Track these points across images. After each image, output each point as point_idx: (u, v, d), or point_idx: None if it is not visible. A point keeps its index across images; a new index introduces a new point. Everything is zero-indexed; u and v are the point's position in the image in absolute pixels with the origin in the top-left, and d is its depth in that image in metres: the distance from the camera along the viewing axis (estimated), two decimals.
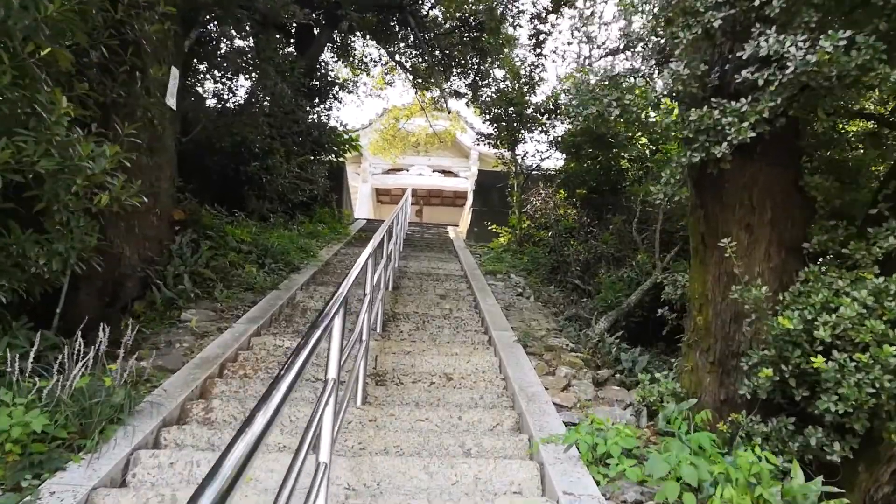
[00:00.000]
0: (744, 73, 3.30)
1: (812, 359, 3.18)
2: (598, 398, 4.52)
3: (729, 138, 3.36)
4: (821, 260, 3.62)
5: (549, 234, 10.92)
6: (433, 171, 24.53)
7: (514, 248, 11.92)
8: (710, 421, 3.48)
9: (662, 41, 3.86)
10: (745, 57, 3.29)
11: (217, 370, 4.47)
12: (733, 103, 3.38)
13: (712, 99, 3.46)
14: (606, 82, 4.72)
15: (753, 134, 3.32)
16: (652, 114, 4.99)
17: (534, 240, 12.35)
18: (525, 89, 11.71)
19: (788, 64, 3.07)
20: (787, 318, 3.35)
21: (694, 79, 3.48)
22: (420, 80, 16.53)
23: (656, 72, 3.87)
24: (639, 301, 8.03)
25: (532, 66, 11.90)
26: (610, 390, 4.70)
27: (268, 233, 8.69)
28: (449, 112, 14.29)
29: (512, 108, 11.80)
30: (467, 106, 14.50)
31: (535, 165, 12.60)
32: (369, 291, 4.46)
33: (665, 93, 3.69)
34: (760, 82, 3.23)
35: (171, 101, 7.06)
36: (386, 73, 17.32)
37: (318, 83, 12.71)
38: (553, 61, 13.51)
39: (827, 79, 3.08)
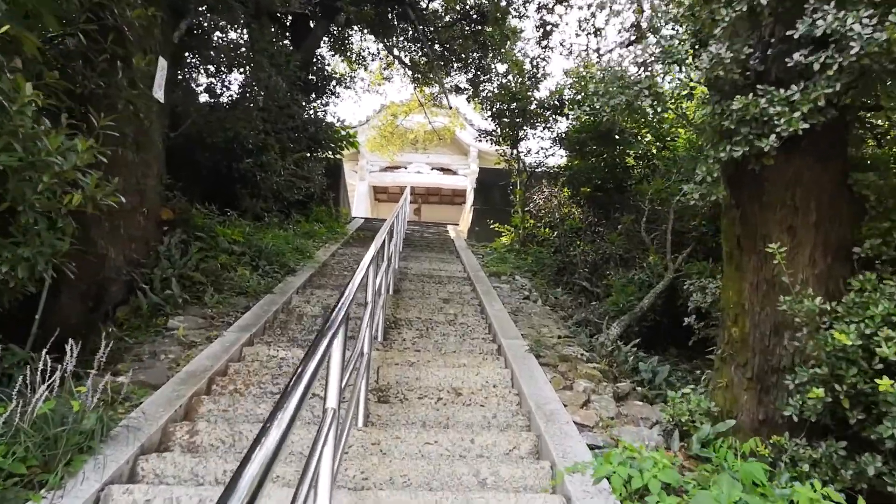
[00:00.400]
0: (795, 56, 2.92)
1: (877, 381, 2.81)
2: (621, 415, 4.14)
3: (778, 130, 2.98)
4: (877, 266, 3.25)
5: (555, 233, 10.53)
6: (432, 169, 24.13)
7: (517, 247, 11.55)
8: (756, 448, 3.10)
9: (697, 26, 3.48)
10: (796, 37, 2.91)
11: (205, 386, 4.08)
12: (782, 91, 3.00)
13: (757, 86, 3.08)
14: (628, 74, 4.32)
15: (806, 125, 2.94)
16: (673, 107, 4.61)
17: (537, 239, 11.97)
18: (529, 84, 11.31)
19: (852, 44, 2.69)
20: (842, 333, 2.98)
21: (736, 63, 3.09)
22: (419, 76, 16.13)
23: (688, 59, 3.49)
24: (651, 305, 7.68)
25: (537, 59, 11.50)
26: (633, 406, 4.32)
27: (262, 233, 8.30)
28: (450, 107, 13.90)
29: (515, 104, 11.41)
30: (468, 102, 14.12)
31: (538, 163, 12.22)
32: (371, 300, 4.07)
33: (701, 80, 3.30)
34: (816, 66, 2.85)
35: (159, 93, 6.66)
36: (384, 68, 16.92)
37: (314, 78, 12.30)
38: (561, 54, 12.93)
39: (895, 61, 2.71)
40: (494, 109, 12.10)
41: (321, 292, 7.14)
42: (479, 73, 13.02)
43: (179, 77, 7.77)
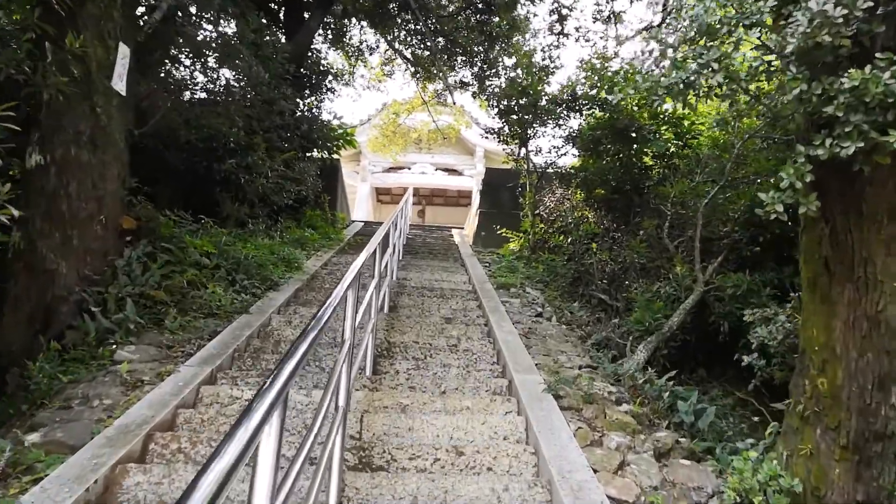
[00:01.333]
0: None
1: None
2: (667, 483, 3.26)
3: None
4: None
5: (568, 240, 9.65)
6: (436, 170, 23.28)
7: (527, 255, 10.67)
8: None
9: None
10: None
11: (139, 447, 3.22)
12: None
13: (877, 56, 2.20)
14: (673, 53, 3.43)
15: None
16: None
17: (548, 245, 11.10)
18: (540, 76, 10.42)
19: None
20: None
21: (847, 24, 2.22)
22: (422, 71, 15.29)
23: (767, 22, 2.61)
24: (680, 323, 6.81)
25: (550, 48, 10.60)
26: (678, 467, 3.44)
27: (244, 241, 7.45)
28: (454, 104, 13.04)
29: (525, 99, 10.53)
30: (473, 98, 13.26)
31: (549, 163, 11.33)
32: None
33: (786, 50, 2.42)
34: None
35: (120, 84, 5.82)
36: (385, 64, 16.07)
37: (307, 73, 11.46)
38: (577, 41, 11.99)
39: None
40: (502, 106, 11.23)
41: (306, 310, 6.28)
42: (484, 66, 12.15)
43: (153, 70, 6.92)
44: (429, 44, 12.44)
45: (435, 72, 15.34)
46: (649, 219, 9.25)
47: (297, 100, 10.97)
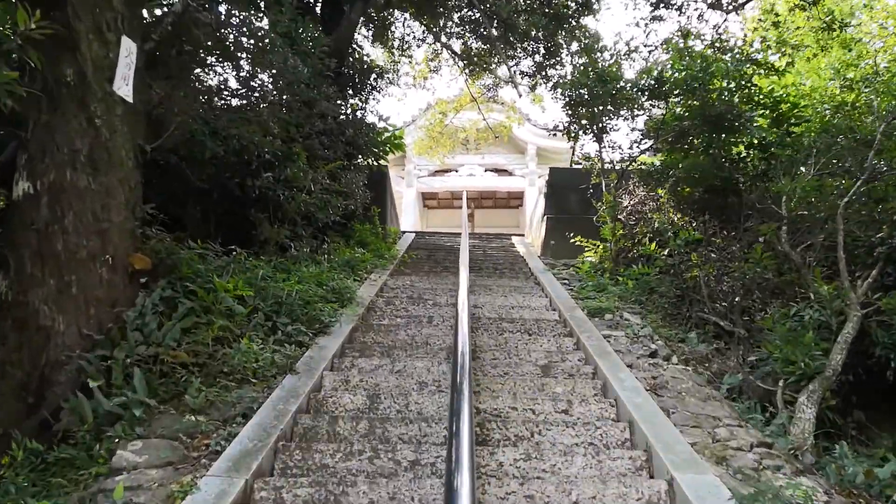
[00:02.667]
0: None
1: None
2: None
3: None
4: None
5: (665, 251, 8.12)
6: (485, 171, 21.89)
7: (608, 266, 9.19)
8: None
9: None
10: None
11: None
12: None
13: None
14: None
15: None
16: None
17: (632, 254, 9.59)
18: (622, 60, 8.95)
19: None
20: None
21: None
22: (471, 66, 13.95)
23: None
24: (842, 360, 5.28)
25: (644, 23, 9.08)
26: None
27: (285, 273, 6.21)
28: (519, 95, 11.60)
29: (601, 87, 9.05)
30: (532, 90, 11.80)
31: (630, 159, 9.82)
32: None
33: None
34: None
35: (125, 88, 4.63)
36: (430, 59, 14.78)
37: (350, 71, 10.24)
38: (679, 9, 10.23)
39: None
40: (571, 96, 9.78)
41: (367, 362, 4.98)
42: (547, 54, 10.70)
43: (169, 70, 5.73)
44: (483, 32, 11.06)
45: (485, 66, 13.98)
46: (759, 222, 7.69)
47: (340, 101, 9.75)
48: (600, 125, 9.55)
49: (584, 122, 9.91)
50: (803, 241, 7.04)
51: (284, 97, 6.77)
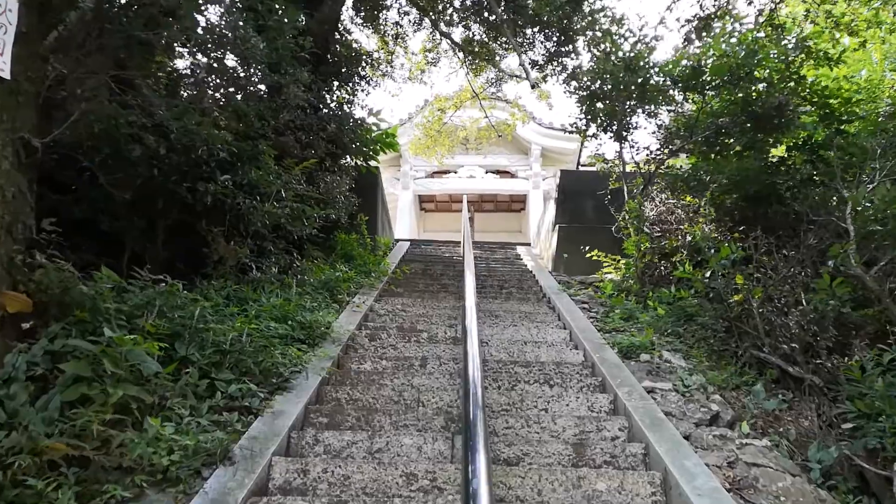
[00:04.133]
0: None
1: None
2: None
3: None
4: None
5: (706, 272, 6.78)
6: (486, 172, 20.57)
7: (634, 286, 7.88)
8: None
9: None
10: None
11: None
12: None
13: None
14: None
15: None
16: None
17: (659, 272, 8.28)
18: (652, 45, 7.64)
19: None
20: None
21: None
22: (472, 58, 12.63)
23: None
24: None
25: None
26: None
27: (240, 305, 4.89)
28: (532, 86, 10.25)
29: (627, 76, 7.73)
30: (543, 82, 10.47)
31: (658, 161, 8.50)
32: None
33: None
34: None
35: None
36: (428, 51, 13.45)
37: (336, 59, 8.91)
38: None
39: None
40: (587, 89, 8.48)
41: (336, 437, 3.65)
42: (563, 40, 9.37)
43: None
44: (487, 15, 9.73)
45: (490, 57, 12.67)
46: (816, 238, 6.40)
47: (324, 93, 8.43)
48: (624, 121, 8.24)
49: (602, 118, 8.60)
50: (874, 261, 5.77)
51: (241, 82, 5.43)
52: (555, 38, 9.50)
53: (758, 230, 8.14)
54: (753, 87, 7.45)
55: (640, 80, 7.80)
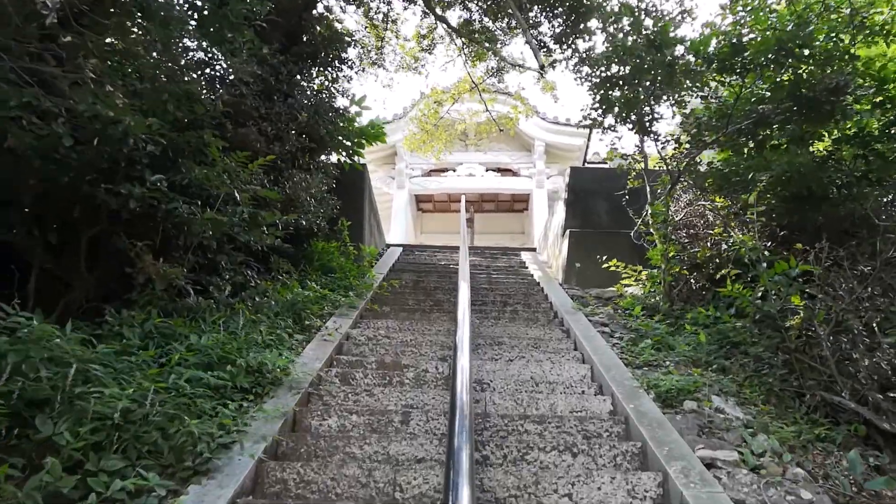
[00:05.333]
0: None
1: None
2: None
3: None
4: None
5: (758, 292, 5.56)
6: (486, 170, 19.36)
7: (662, 304, 6.69)
8: None
9: None
10: None
11: None
12: None
13: None
14: None
15: None
16: None
17: (688, 286, 7.10)
18: (682, 18, 6.44)
19: None
20: None
21: None
22: (470, 43, 11.44)
23: None
24: None
25: None
26: None
27: (153, 351, 3.70)
28: (541, 68, 9.00)
29: (653, 55, 6.53)
30: (550, 68, 9.25)
31: (686, 155, 7.29)
32: None
33: None
34: None
35: None
36: (422, 37, 12.25)
37: (312, 39, 7.72)
38: None
39: None
40: (602, 74, 7.27)
41: None
42: (575, 20, 8.15)
43: None
44: None
45: (492, 43, 11.47)
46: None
47: (298, 78, 7.24)
48: (647, 110, 7.04)
49: (621, 107, 7.39)
50: None
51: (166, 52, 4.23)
52: (564, 17, 8.30)
53: (803, 236, 6.98)
54: (803, 67, 6.26)
55: (666, 60, 6.60)
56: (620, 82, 7.07)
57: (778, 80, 6.38)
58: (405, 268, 9.30)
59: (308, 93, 7.18)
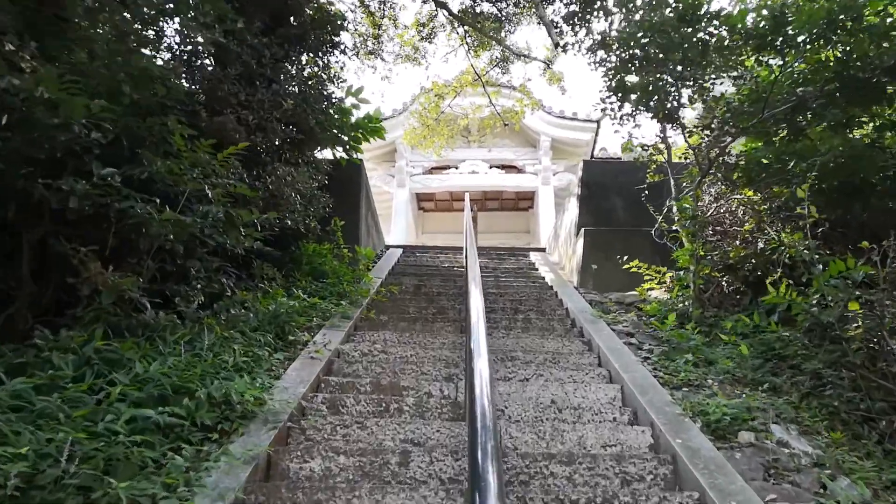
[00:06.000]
0: None
1: None
2: None
3: None
4: None
5: (813, 299, 4.83)
6: (490, 167, 18.64)
7: (693, 310, 5.96)
8: None
9: None
10: None
11: None
12: None
13: None
14: None
15: None
16: None
17: (720, 290, 6.39)
18: None
19: None
20: None
21: None
22: (474, 30, 10.75)
23: None
24: None
25: None
26: None
27: (86, 384, 2.99)
28: (556, 46, 8.27)
29: (686, 28, 5.82)
30: (563, 51, 8.50)
31: (716, 144, 6.56)
32: None
33: None
34: None
35: None
36: (422, 24, 11.55)
37: (301, 20, 7.02)
38: None
39: None
40: (630, 52, 6.55)
41: None
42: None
43: None
44: None
45: (496, 31, 10.77)
46: None
47: (285, 63, 6.55)
48: (675, 92, 6.33)
49: (641, 93, 6.67)
50: None
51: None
52: None
53: (848, 232, 6.31)
54: (853, 42, 5.55)
55: (697, 38, 5.89)
56: (644, 62, 6.36)
57: (821, 58, 5.67)
58: (405, 271, 8.60)
59: (296, 79, 6.48)
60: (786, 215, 6.17)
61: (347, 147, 7.42)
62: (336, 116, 7.02)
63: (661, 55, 6.12)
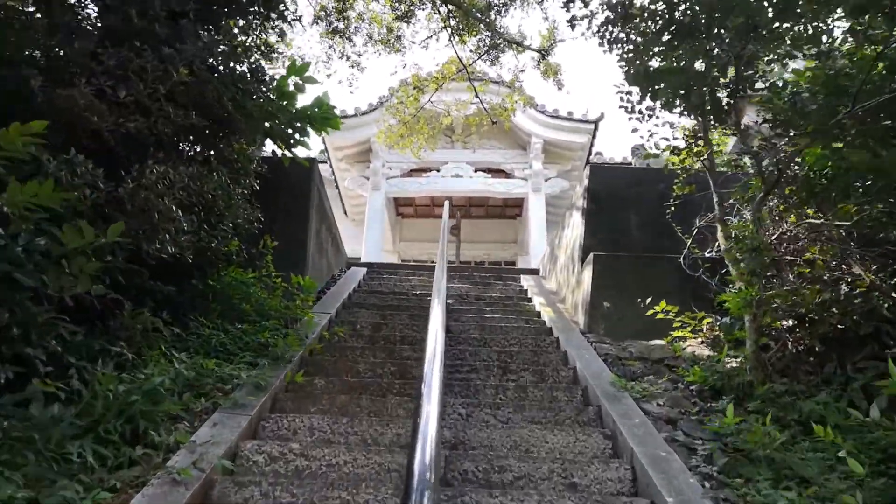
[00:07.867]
0: None
1: None
2: None
3: None
4: None
5: None
6: (475, 171, 16.90)
7: (748, 376, 4.26)
8: None
9: None
10: None
11: None
12: None
13: None
14: None
15: None
16: None
17: (786, 350, 4.69)
18: None
19: None
20: None
21: None
22: (458, 11, 9.06)
23: None
24: None
25: None
26: None
27: None
28: (546, 52, 6.40)
29: None
30: (571, 26, 6.79)
31: (780, 149, 4.86)
32: None
33: None
34: None
35: None
36: (397, 1, 9.79)
37: None
38: None
39: None
40: (658, 25, 4.87)
41: None
42: None
43: None
44: None
45: (484, 13, 9.07)
46: None
47: (200, 30, 4.75)
48: (734, 73, 4.64)
49: (677, 76, 4.96)
50: None
51: None
52: None
53: None
54: None
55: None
56: (683, 35, 4.66)
57: None
58: (365, 301, 6.82)
59: (207, 48, 4.68)
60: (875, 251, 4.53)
61: (291, 141, 5.64)
62: (273, 100, 5.25)
63: (710, 22, 4.43)
